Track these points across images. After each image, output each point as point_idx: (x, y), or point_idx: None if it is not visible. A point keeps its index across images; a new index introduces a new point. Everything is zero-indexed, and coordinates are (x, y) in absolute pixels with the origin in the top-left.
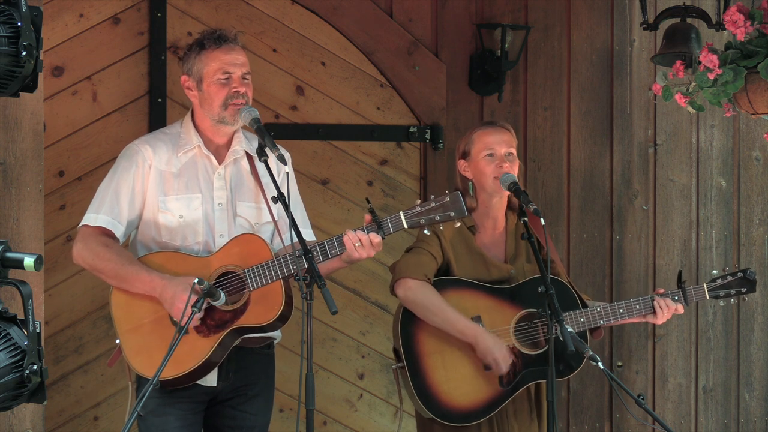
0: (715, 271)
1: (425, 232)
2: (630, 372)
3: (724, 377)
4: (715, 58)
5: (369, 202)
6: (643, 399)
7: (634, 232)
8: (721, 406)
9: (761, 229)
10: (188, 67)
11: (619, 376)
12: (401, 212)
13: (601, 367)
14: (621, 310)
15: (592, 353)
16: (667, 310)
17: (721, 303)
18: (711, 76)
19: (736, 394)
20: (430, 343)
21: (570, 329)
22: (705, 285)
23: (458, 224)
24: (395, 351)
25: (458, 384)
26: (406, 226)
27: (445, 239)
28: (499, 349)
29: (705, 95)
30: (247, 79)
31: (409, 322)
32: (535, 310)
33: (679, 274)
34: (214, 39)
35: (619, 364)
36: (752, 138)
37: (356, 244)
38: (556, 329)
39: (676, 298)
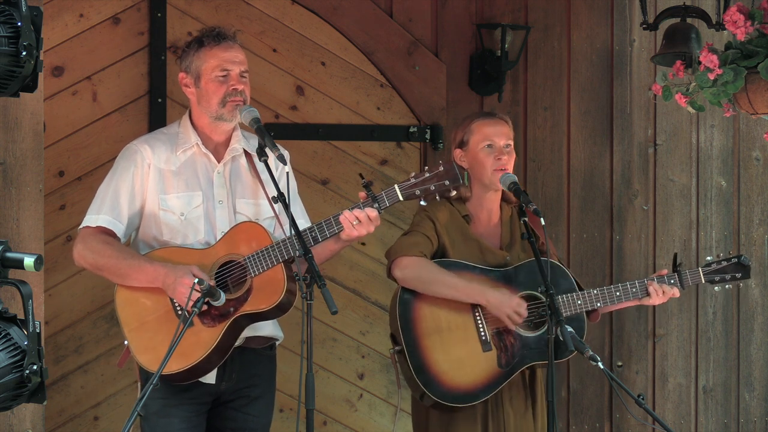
0: (709, 258)
1: (421, 202)
2: (630, 372)
3: (724, 377)
4: (715, 58)
5: (363, 178)
6: (643, 399)
7: (634, 232)
8: (721, 406)
9: (761, 229)
10: (186, 65)
11: (619, 376)
12: (396, 185)
13: (601, 367)
14: (618, 293)
15: (592, 353)
16: (662, 293)
17: (716, 288)
18: (711, 76)
19: (736, 394)
20: (428, 325)
21: (570, 329)
22: (700, 269)
23: (454, 192)
24: (392, 336)
25: (457, 364)
26: (401, 198)
27: (440, 224)
28: (510, 299)
29: (705, 95)
30: (244, 77)
31: (405, 305)
32: (532, 292)
33: (675, 257)
34: (212, 36)
35: (619, 364)
36: (752, 138)
37: (354, 223)
38: (556, 329)
39: (672, 281)
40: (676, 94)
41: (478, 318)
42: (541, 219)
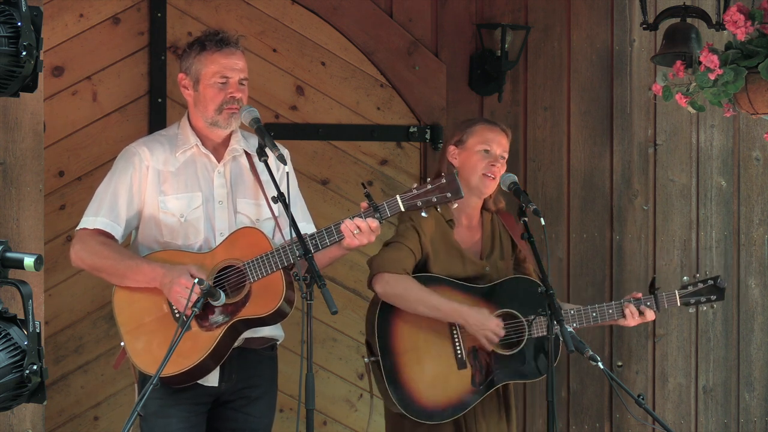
0: (686, 278)
1: (422, 214)
2: (630, 372)
3: (724, 377)
4: (715, 58)
5: (365, 187)
6: (643, 399)
7: (634, 232)
8: (721, 406)
9: (761, 229)
10: (186, 66)
11: (619, 376)
12: (398, 195)
13: (601, 367)
14: (594, 314)
15: (592, 353)
16: (638, 315)
17: (690, 310)
18: (711, 77)
19: (736, 394)
20: (405, 341)
21: (570, 329)
22: (677, 291)
23: (455, 205)
24: (368, 344)
25: (431, 382)
26: (403, 209)
27: (425, 235)
28: (488, 321)
29: (705, 95)
30: (243, 84)
31: (385, 319)
32: (510, 310)
33: (653, 280)
34: (215, 41)
35: (619, 364)
36: (752, 138)
37: (355, 232)
38: (557, 329)
39: (648, 303)
40: (676, 94)
41: (456, 336)
42: (541, 219)
